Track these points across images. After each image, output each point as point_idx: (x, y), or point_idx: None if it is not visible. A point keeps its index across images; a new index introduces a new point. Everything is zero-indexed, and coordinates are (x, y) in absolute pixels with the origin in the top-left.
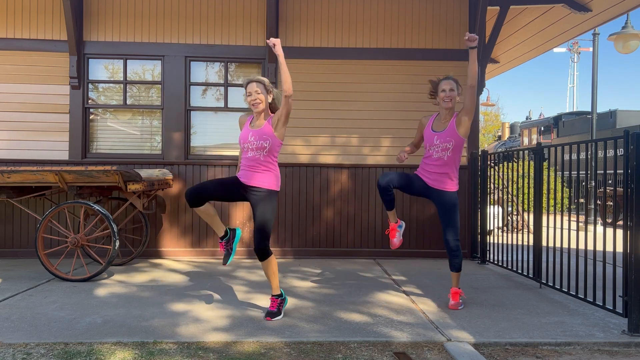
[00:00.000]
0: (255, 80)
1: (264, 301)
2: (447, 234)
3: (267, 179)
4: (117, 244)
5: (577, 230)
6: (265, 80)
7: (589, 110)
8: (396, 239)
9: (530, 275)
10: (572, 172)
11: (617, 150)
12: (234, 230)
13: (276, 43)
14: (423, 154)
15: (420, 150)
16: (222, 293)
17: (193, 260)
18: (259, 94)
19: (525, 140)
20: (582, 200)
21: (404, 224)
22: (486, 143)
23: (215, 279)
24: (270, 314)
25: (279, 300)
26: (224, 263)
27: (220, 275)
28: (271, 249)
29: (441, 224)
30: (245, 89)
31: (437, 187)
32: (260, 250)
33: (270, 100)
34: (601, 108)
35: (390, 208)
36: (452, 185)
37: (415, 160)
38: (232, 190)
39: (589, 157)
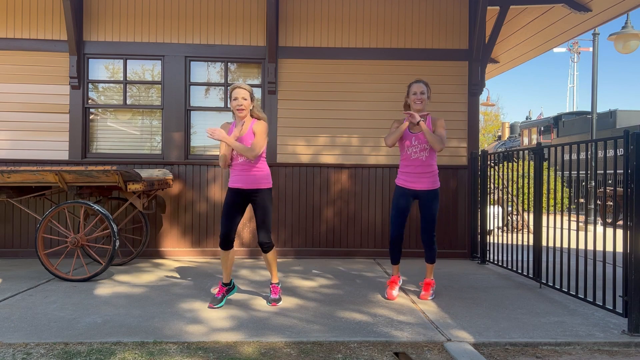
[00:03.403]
0: (242, 87)
1: (265, 301)
2: (431, 229)
3: (262, 179)
4: (117, 243)
5: (577, 230)
6: (250, 88)
7: (589, 110)
8: (395, 292)
9: (530, 275)
10: (572, 172)
11: (617, 150)
12: (233, 285)
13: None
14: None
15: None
16: None
17: (193, 260)
18: (245, 100)
19: (525, 140)
20: (582, 200)
21: (401, 282)
22: (486, 143)
23: (215, 279)
24: (276, 300)
25: (279, 287)
26: (213, 305)
27: (221, 275)
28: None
29: (423, 220)
30: (231, 93)
31: (423, 189)
32: (267, 243)
33: (251, 107)
34: (601, 108)
35: (396, 261)
36: (435, 184)
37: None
38: (241, 204)
39: (589, 157)
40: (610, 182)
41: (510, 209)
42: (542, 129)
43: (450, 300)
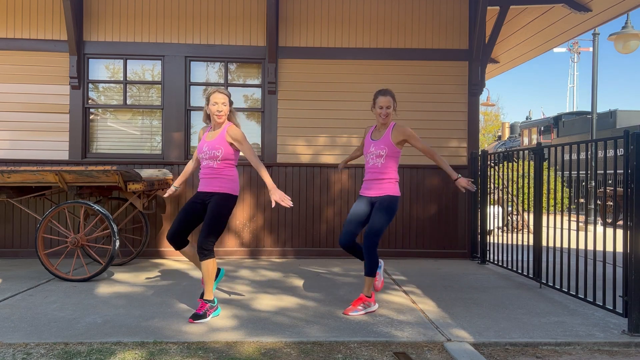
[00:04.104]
0: (222, 92)
1: (266, 301)
2: (370, 235)
3: (222, 183)
4: (117, 243)
5: (577, 230)
6: (229, 92)
7: (589, 110)
8: (378, 282)
9: (530, 275)
10: (572, 172)
11: (617, 150)
12: (219, 270)
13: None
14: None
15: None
16: (223, 293)
17: None
18: (225, 105)
19: (525, 140)
20: (582, 200)
21: (382, 263)
22: (486, 143)
23: None
24: (195, 316)
25: (207, 305)
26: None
27: None
28: (271, 248)
29: (367, 226)
30: (210, 97)
31: (376, 195)
32: (202, 249)
33: (228, 111)
34: (601, 108)
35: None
36: (390, 190)
37: (422, 160)
38: (197, 208)
39: (589, 157)
40: (610, 182)
41: (510, 209)
42: (542, 129)
43: (450, 300)
